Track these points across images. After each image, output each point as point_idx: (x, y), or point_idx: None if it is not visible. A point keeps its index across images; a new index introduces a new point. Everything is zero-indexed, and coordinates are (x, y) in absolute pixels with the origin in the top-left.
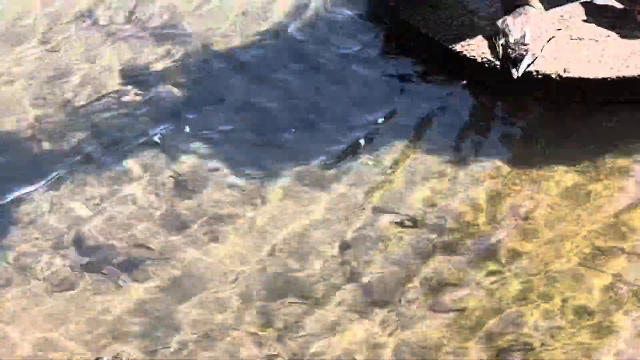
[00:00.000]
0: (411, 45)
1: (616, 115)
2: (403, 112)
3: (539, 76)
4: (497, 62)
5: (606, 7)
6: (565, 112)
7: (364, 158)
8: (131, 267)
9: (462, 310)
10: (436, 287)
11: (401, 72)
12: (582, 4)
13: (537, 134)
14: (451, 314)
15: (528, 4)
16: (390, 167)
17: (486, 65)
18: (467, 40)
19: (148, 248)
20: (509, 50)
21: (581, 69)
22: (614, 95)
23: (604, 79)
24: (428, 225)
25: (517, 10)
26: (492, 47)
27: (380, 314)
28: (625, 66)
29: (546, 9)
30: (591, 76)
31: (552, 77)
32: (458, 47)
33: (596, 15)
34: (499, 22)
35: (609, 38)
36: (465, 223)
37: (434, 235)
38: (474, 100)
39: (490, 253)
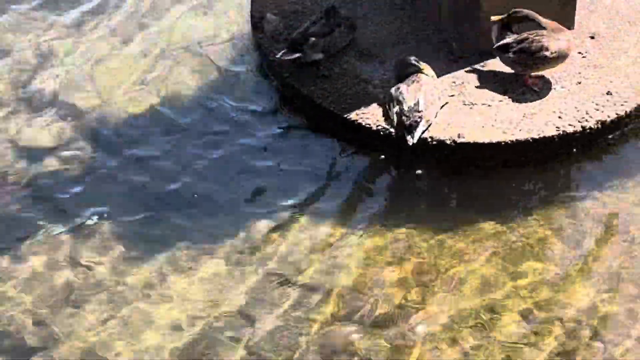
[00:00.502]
0: (306, 115)
1: (510, 178)
2: (299, 182)
3: (434, 142)
4: (392, 130)
5: (497, 73)
6: (461, 176)
7: (258, 224)
8: None
9: None
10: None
11: (300, 144)
12: (474, 69)
13: (433, 199)
14: None
15: (421, 72)
16: (280, 235)
17: (381, 132)
18: (362, 108)
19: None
20: (403, 117)
21: (475, 134)
22: (508, 158)
23: (498, 143)
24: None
25: (410, 77)
26: (387, 115)
27: None
28: (518, 130)
29: (439, 75)
30: (485, 141)
31: (446, 143)
32: (353, 116)
33: (488, 80)
34: (392, 90)
35: (501, 102)
36: (365, 289)
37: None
38: (370, 168)
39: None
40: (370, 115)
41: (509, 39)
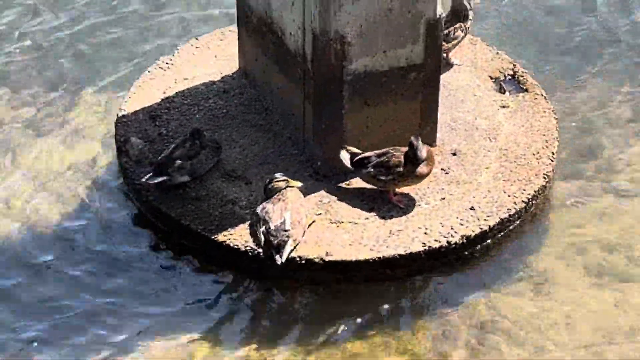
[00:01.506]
0: (174, 238)
1: (380, 292)
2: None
3: (303, 261)
4: (260, 250)
5: (363, 191)
6: (330, 293)
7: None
8: None
9: None
10: None
11: (165, 265)
12: (340, 186)
13: (303, 317)
14: None
15: (289, 186)
16: None
17: (250, 253)
18: (230, 229)
19: None
20: (271, 237)
21: (343, 252)
22: (376, 274)
23: (366, 260)
24: None
25: (276, 196)
26: (254, 235)
27: None
28: (385, 246)
29: (305, 194)
30: (353, 258)
31: (315, 262)
32: (221, 237)
33: (354, 198)
34: (259, 210)
35: (368, 220)
36: None
37: None
38: (239, 289)
39: None
40: (238, 236)
41: (369, 153)
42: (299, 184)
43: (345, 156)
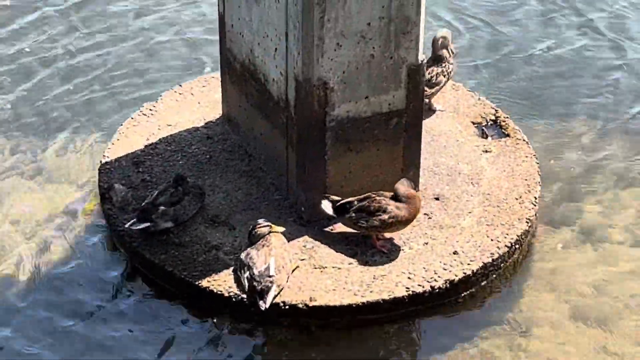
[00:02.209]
0: (158, 284)
1: (364, 337)
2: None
3: (286, 307)
4: (244, 296)
5: (347, 235)
6: (313, 338)
7: None
8: None
9: None
10: None
11: (151, 313)
12: (324, 231)
13: None
14: None
15: (272, 230)
16: None
17: (234, 299)
18: (213, 275)
19: None
20: (255, 282)
21: (327, 297)
22: (361, 318)
23: (350, 305)
24: None
25: (260, 242)
26: (238, 281)
27: None
28: (369, 291)
29: (289, 239)
30: (337, 304)
31: (299, 307)
32: (204, 283)
33: (338, 243)
34: (243, 255)
35: (352, 265)
36: None
37: None
38: (223, 335)
39: None
40: (222, 282)
41: (351, 198)
42: (282, 228)
43: (326, 205)
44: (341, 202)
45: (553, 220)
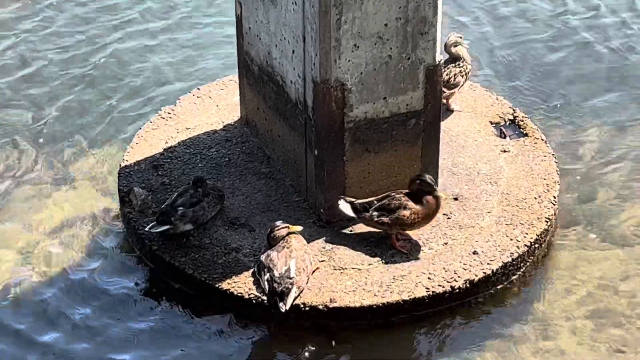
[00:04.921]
0: (179, 287)
1: (384, 338)
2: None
3: (307, 308)
4: (264, 297)
5: (366, 237)
6: (335, 339)
7: None
8: None
9: None
10: None
11: (169, 319)
12: (343, 234)
13: None
14: None
15: (290, 231)
16: None
17: (254, 301)
18: (233, 277)
19: None
20: (275, 284)
21: (347, 298)
22: (381, 319)
23: (370, 306)
24: None
25: (280, 244)
26: (258, 283)
27: None
28: (390, 292)
29: (309, 241)
30: (357, 305)
31: (319, 308)
32: (225, 285)
33: (357, 244)
34: (263, 257)
35: (371, 266)
36: None
37: None
38: (244, 337)
39: None
40: (242, 284)
41: (371, 198)
42: (300, 228)
43: (344, 205)
44: (360, 202)
45: (572, 219)
